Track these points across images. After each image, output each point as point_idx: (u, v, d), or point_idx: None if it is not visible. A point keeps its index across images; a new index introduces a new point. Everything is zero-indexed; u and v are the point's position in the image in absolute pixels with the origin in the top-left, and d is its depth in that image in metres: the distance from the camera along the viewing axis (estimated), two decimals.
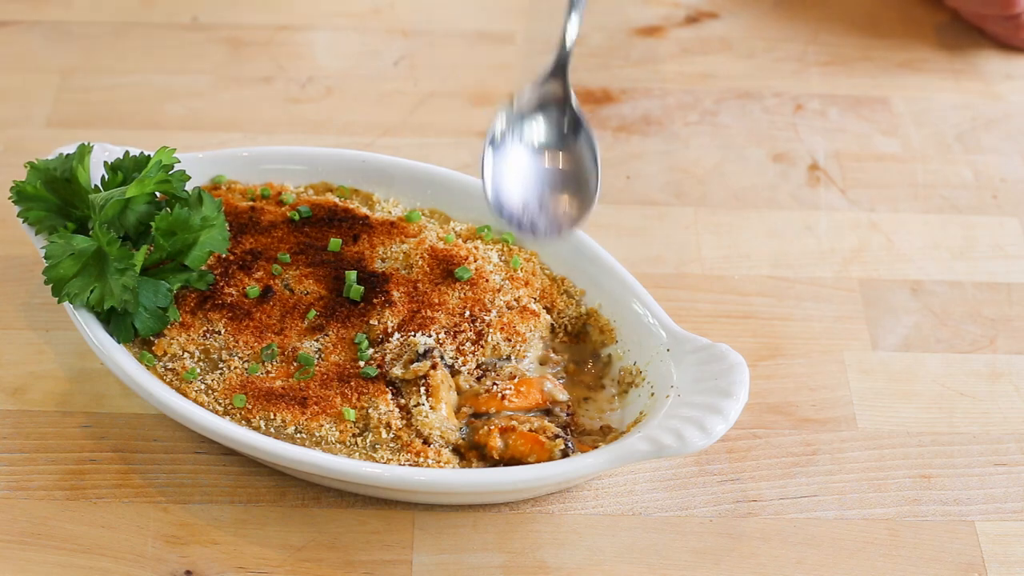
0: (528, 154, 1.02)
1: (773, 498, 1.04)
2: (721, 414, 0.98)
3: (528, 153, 1.03)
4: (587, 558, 1.00)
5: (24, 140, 1.30)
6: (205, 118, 1.33)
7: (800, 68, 1.41)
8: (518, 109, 1.02)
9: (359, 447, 1.01)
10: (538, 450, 1.01)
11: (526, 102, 1.03)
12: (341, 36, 1.43)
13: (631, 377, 1.07)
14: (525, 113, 1.03)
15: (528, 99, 1.03)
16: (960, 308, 1.18)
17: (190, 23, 1.44)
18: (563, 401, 1.05)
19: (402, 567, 0.99)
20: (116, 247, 1.03)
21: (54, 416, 1.07)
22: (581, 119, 1.03)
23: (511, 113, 1.02)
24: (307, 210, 1.13)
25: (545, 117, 1.03)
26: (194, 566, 0.99)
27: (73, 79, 1.37)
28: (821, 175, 1.30)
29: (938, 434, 1.09)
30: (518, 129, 1.02)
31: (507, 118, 1.02)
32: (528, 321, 1.07)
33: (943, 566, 1.00)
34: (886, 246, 1.23)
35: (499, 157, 1.00)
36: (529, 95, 1.03)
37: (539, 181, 1.03)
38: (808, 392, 1.11)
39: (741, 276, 1.20)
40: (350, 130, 1.32)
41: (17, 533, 1.00)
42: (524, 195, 1.01)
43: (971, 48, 1.44)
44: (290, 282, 1.09)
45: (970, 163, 1.31)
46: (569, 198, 1.03)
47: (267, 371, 1.04)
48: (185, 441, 1.05)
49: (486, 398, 1.03)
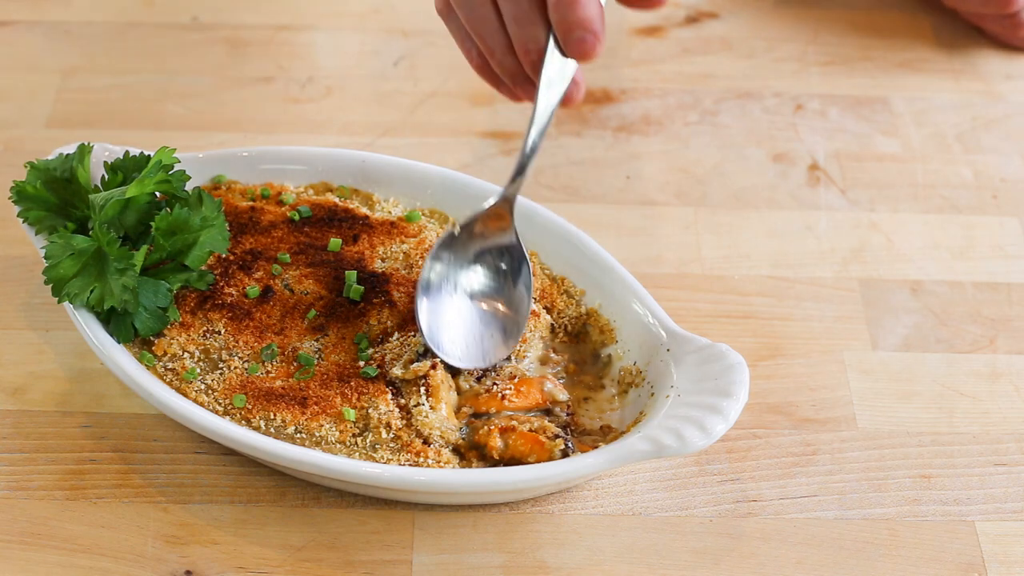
0: (462, 301, 1.06)
1: (773, 498, 1.04)
2: (721, 414, 0.98)
3: (463, 300, 1.06)
4: (587, 558, 1.00)
5: (24, 140, 1.30)
6: (205, 118, 1.33)
7: (800, 68, 1.41)
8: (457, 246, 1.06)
9: (359, 447, 1.01)
10: (538, 450, 1.01)
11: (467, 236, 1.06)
12: (341, 36, 1.43)
13: (631, 377, 1.07)
14: (463, 256, 1.06)
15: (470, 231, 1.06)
16: (960, 308, 1.18)
17: (190, 23, 1.44)
18: (563, 401, 1.05)
19: (402, 567, 0.99)
20: (116, 247, 1.03)
21: (54, 416, 1.07)
22: (523, 255, 1.07)
23: (447, 253, 1.06)
24: (307, 210, 1.13)
25: (483, 263, 1.07)
26: (194, 566, 0.99)
27: (73, 79, 1.37)
28: (821, 175, 1.30)
29: (938, 434, 1.09)
30: (454, 276, 1.06)
31: (442, 261, 1.06)
32: (528, 321, 1.07)
33: (943, 566, 1.00)
34: (886, 246, 1.23)
35: (433, 304, 1.05)
36: (473, 224, 1.06)
37: (471, 322, 1.06)
38: (808, 392, 1.11)
39: (741, 276, 1.20)
40: (350, 130, 1.32)
41: (17, 533, 1.00)
42: (457, 335, 1.05)
43: (971, 48, 1.44)
44: (290, 282, 1.09)
45: (970, 163, 1.31)
46: (500, 334, 1.06)
47: (267, 371, 1.04)
48: (185, 441, 1.05)
49: (486, 398, 1.03)
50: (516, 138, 1.31)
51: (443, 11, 1.08)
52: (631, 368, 1.07)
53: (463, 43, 1.09)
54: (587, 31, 1.01)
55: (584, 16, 1.01)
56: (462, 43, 1.09)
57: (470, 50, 1.08)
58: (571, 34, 1.01)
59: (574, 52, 1.02)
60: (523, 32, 1.03)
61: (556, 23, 1.02)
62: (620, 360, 1.08)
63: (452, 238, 1.06)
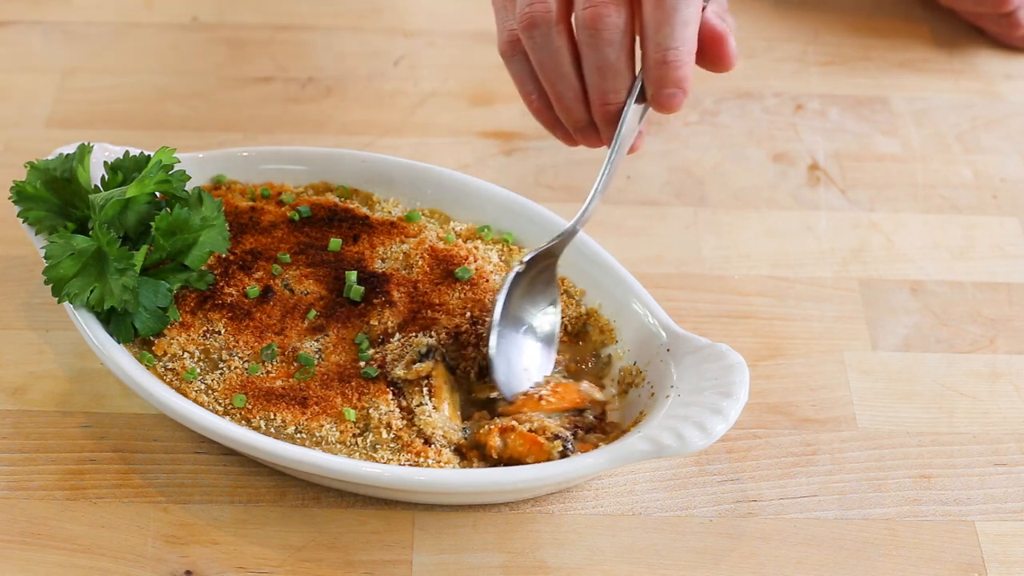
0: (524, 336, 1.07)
1: (773, 498, 1.04)
2: (721, 414, 0.98)
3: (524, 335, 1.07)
4: (587, 558, 1.00)
5: (24, 140, 1.30)
6: (205, 118, 1.33)
7: (800, 68, 1.41)
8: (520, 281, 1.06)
9: (359, 447, 1.01)
10: (536, 451, 1.00)
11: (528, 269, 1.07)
12: (341, 36, 1.43)
13: (631, 377, 1.07)
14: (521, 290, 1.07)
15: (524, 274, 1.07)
16: (960, 308, 1.18)
17: (190, 23, 1.44)
18: (601, 401, 1.05)
19: (402, 567, 0.99)
20: (116, 247, 1.03)
21: (54, 416, 1.07)
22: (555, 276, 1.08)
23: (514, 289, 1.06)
24: (307, 210, 1.13)
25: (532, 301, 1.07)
26: (194, 566, 0.99)
27: (73, 79, 1.37)
28: (821, 175, 1.30)
29: (938, 434, 1.09)
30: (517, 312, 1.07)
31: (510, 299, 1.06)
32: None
33: (943, 566, 1.00)
34: (886, 246, 1.23)
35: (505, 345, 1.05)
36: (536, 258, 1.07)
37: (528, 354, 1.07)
38: (808, 392, 1.11)
39: (741, 276, 1.20)
40: (350, 130, 1.32)
41: (17, 533, 1.00)
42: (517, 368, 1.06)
43: (970, 48, 1.44)
44: (290, 282, 1.09)
45: (970, 163, 1.31)
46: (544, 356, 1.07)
47: (267, 371, 1.04)
48: (185, 441, 1.05)
49: (523, 401, 1.03)
50: (516, 138, 1.31)
51: (507, 52, 1.07)
52: (631, 368, 1.07)
53: (524, 85, 1.08)
54: (681, 89, 1.02)
55: (684, 76, 1.02)
56: (523, 85, 1.08)
57: (530, 93, 1.08)
58: (665, 90, 1.02)
59: (662, 106, 1.03)
60: (605, 83, 1.03)
61: (654, 79, 1.02)
62: (620, 360, 1.08)
63: (518, 276, 1.06)
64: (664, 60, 1.01)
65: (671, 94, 1.02)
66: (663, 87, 1.02)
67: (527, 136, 1.32)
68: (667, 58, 1.01)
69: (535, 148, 1.31)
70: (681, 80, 1.02)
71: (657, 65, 1.02)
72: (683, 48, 1.02)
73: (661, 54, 1.01)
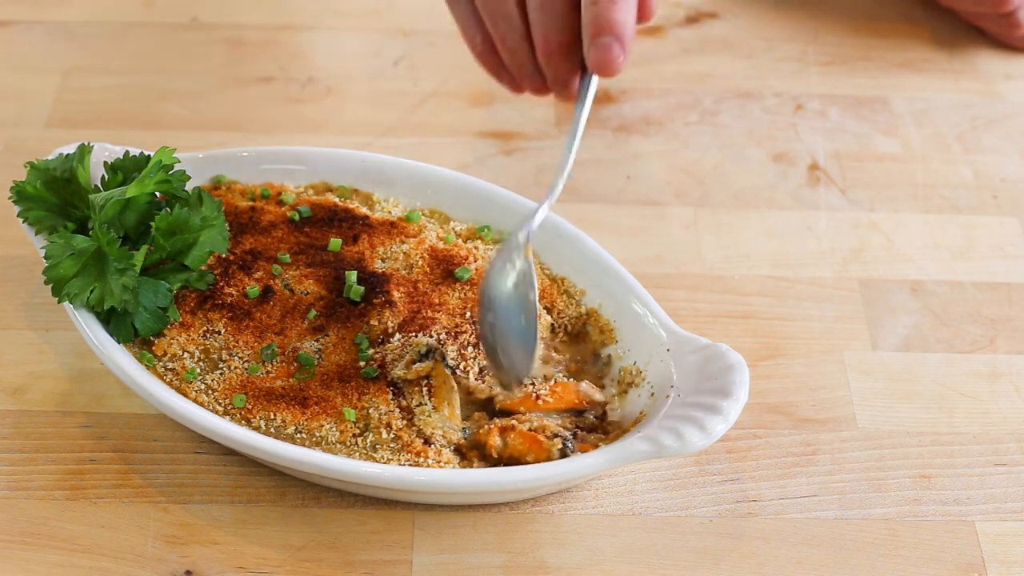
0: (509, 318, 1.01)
1: (773, 498, 1.04)
2: (721, 414, 0.98)
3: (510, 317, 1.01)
4: (587, 558, 1.00)
5: (24, 140, 1.30)
6: (205, 118, 1.33)
7: (800, 68, 1.41)
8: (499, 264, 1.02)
9: (359, 447, 1.01)
10: (536, 449, 1.01)
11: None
12: (341, 36, 1.43)
13: (631, 377, 1.07)
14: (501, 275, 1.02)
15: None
16: (960, 308, 1.18)
17: (190, 23, 1.44)
18: (600, 402, 1.05)
19: (402, 567, 0.99)
20: (116, 247, 1.03)
21: (54, 416, 1.07)
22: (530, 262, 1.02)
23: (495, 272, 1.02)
24: (307, 210, 1.13)
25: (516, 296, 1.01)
26: (194, 566, 0.99)
27: (73, 79, 1.37)
28: (821, 175, 1.30)
29: (938, 434, 1.09)
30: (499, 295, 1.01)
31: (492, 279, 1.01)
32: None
33: (943, 566, 1.00)
34: (886, 246, 1.23)
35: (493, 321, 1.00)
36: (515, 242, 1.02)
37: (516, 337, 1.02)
38: (808, 392, 1.11)
39: (741, 276, 1.20)
40: (350, 130, 1.32)
41: (17, 533, 1.00)
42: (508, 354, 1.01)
43: (971, 48, 1.44)
44: (290, 282, 1.09)
45: (970, 163, 1.31)
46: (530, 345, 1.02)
47: (267, 371, 1.04)
48: (185, 441, 1.05)
49: (520, 398, 1.03)
50: (516, 138, 1.31)
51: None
52: (631, 368, 1.07)
53: (467, 28, 1.05)
54: (616, 36, 0.97)
55: (618, 19, 0.97)
56: (466, 28, 1.06)
57: (474, 36, 1.05)
58: (599, 37, 0.97)
59: (596, 60, 0.98)
60: (546, 20, 1.00)
61: (588, 20, 0.98)
62: (620, 360, 1.08)
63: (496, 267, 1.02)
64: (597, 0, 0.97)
65: (606, 44, 0.97)
66: (597, 34, 0.97)
67: (527, 136, 1.32)
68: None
69: (535, 148, 1.31)
70: (615, 24, 0.97)
71: (589, 6, 0.97)
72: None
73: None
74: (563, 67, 1.03)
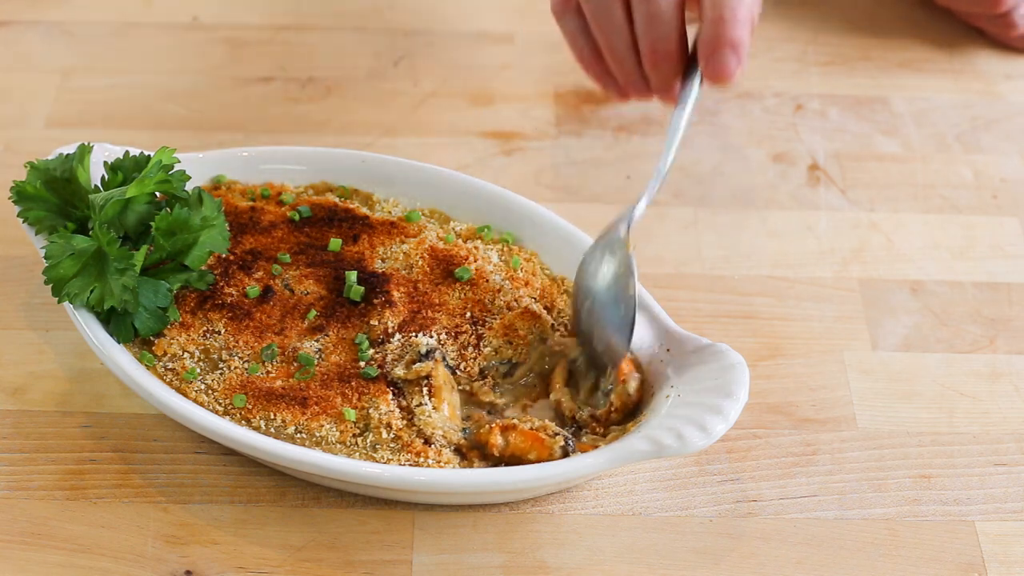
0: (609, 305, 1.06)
1: (773, 498, 1.04)
2: (721, 414, 0.98)
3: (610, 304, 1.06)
4: (587, 558, 1.00)
5: (24, 140, 1.30)
6: (205, 118, 1.33)
7: (800, 68, 1.41)
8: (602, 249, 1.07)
9: (359, 447, 1.01)
10: (538, 447, 1.01)
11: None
12: (341, 36, 1.43)
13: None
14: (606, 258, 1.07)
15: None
16: (960, 308, 1.18)
17: (190, 23, 1.44)
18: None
19: (402, 567, 0.99)
20: (116, 247, 1.03)
21: (54, 416, 1.07)
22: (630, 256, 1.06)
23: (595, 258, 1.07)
24: (307, 210, 1.13)
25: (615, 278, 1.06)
26: (194, 566, 0.99)
27: (73, 79, 1.37)
28: (821, 175, 1.30)
29: (938, 434, 1.09)
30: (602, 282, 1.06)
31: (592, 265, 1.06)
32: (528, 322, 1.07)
33: (943, 566, 1.00)
34: (886, 246, 1.23)
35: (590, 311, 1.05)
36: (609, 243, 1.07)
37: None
38: (808, 392, 1.11)
39: (741, 276, 1.20)
40: (350, 130, 1.32)
41: (17, 533, 1.00)
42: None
43: (971, 48, 1.44)
44: (290, 282, 1.09)
45: (970, 163, 1.31)
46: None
47: (267, 371, 1.04)
48: (185, 441, 1.05)
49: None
50: (516, 138, 1.31)
51: (559, 10, 1.12)
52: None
53: (575, 41, 1.12)
54: (734, 51, 1.03)
55: (739, 37, 1.02)
56: (574, 41, 1.13)
57: (582, 48, 1.12)
58: (719, 51, 1.03)
59: (714, 71, 1.04)
60: (655, 31, 1.06)
61: (708, 39, 1.04)
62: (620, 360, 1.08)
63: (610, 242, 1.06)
64: (720, 17, 1.03)
65: (724, 57, 1.03)
66: (717, 48, 1.03)
67: (527, 136, 1.32)
68: (723, 15, 1.03)
69: (535, 148, 1.31)
70: (735, 41, 1.03)
71: (712, 23, 1.03)
72: (739, 9, 1.03)
73: (718, 12, 1.03)
74: (668, 74, 1.09)
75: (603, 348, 1.05)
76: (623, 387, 1.03)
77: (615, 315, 1.04)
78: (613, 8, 1.08)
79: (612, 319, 1.05)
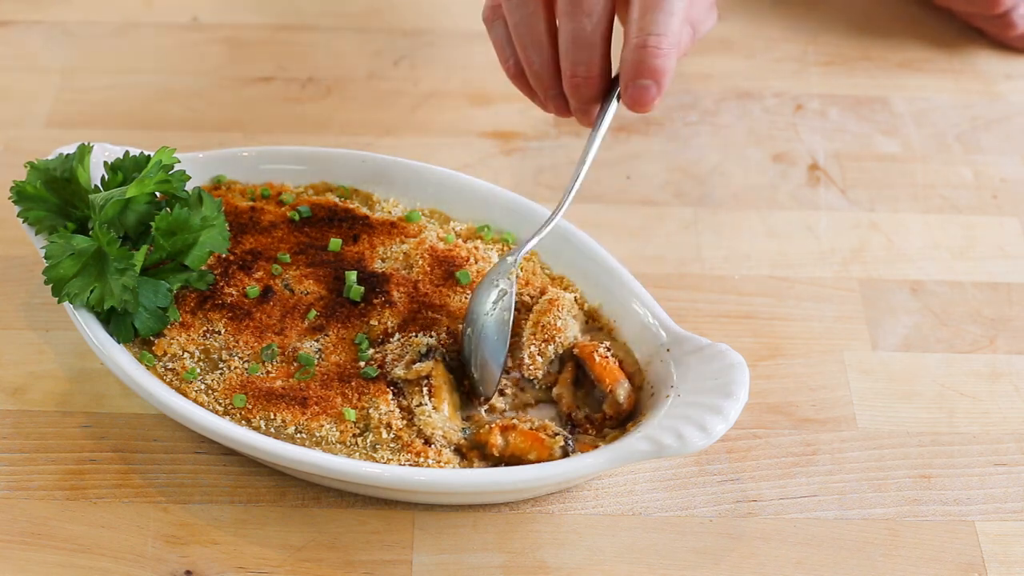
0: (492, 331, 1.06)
1: (773, 498, 1.04)
2: (721, 414, 0.98)
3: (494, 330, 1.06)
4: (587, 558, 1.00)
5: (24, 140, 1.30)
6: (205, 118, 1.33)
7: (800, 68, 1.41)
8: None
9: (359, 447, 1.01)
10: (538, 447, 1.01)
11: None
12: (341, 36, 1.43)
13: (631, 377, 1.06)
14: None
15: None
16: (960, 308, 1.18)
17: (190, 23, 1.44)
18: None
19: (402, 567, 0.99)
20: (116, 247, 1.03)
21: (54, 416, 1.07)
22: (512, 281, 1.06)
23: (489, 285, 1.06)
24: (307, 210, 1.13)
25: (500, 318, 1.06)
26: (194, 566, 0.99)
27: (73, 79, 1.37)
28: (821, 175, 1.30)
29: (938, 434, 1.09)
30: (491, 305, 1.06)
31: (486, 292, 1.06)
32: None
33: (943, 566, 1.00)
34: (886, 246, 1.23)
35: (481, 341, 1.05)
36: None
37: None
38: (808, 392, 1.11)
39: (741, 276, 1.20)
40: (350, 130, 1.32)
41: (17, 533, 1.00)
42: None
43: (971, 48, 1.44)
44: (290, 282, 1.09)
45: (970, 163, 1.31)
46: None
47: (267, 371, 1.04)
48: (185, 441, 1.05)
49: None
50: (516, 138, 1.31)
51: (489, 17, 1.09)
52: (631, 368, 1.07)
53: (501, 50, 1.09)
54: (655, 82, 1.01)
55: (662, 67, 1.00)
56: (500, 50, 1.09)
57: (508, 58, 1.09)
58: (639, 80, 1.00)
59: (632, 99, 1.01)
60: (577, 54, 1.03)
61: (630, 65, 1.01)
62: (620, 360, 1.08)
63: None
64: (644, 44, 1.00)
65: (644, 86, 1.00)
66: (638, 76, 1.00)
67: (527, 136, 1.32)
68: (647, 43, 1.00)
69: (535, 148, 1.31)
70: (657, 71, 1.00)
71: (635, 49, 1.00)
72: (665, 37, 1.01)
73: (642, 38, 1.00)
74: (587, 99, 1.06)
75: (479, 376, 1.04)
76: (612, 397, 1.03)
77: (490, 344, 1.04)
78: (535, 24, 1.05)
79: (488, 348, 1.04)
